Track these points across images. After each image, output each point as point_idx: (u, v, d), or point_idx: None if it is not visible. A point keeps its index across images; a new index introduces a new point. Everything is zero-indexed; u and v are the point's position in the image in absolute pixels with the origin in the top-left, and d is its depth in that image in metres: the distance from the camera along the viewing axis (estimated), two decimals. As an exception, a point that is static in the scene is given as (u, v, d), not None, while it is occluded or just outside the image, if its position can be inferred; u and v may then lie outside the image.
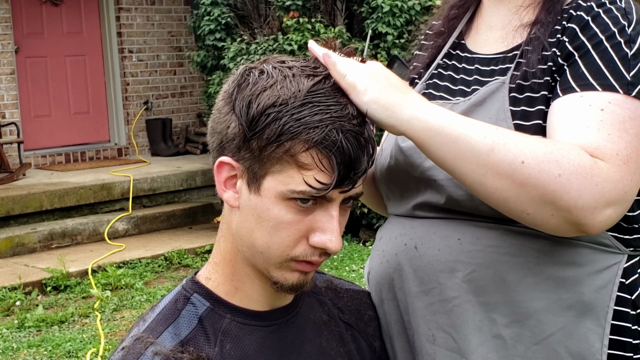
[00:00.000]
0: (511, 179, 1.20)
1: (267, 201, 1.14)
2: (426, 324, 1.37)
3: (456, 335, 1.34)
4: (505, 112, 1.33)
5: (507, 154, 1.20)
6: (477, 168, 1.21)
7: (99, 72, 9.13)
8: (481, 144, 1.21)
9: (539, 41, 1.36)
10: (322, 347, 1.29)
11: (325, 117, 1.11)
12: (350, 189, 1.15)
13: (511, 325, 1.32)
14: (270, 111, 1.12)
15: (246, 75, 1.17)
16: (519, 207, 1.22)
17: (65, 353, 4.59)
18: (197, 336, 1.19)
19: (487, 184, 1.22)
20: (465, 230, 1.35)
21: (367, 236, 6.89)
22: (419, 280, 1.38)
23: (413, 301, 1.38)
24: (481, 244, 1.33)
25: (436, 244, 1.37)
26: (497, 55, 1.43)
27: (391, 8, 6.55)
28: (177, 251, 6.46)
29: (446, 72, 1.49)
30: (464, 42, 1.51)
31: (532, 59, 1.35)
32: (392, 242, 1.44)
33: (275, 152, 1.12)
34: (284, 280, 1.19)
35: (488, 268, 1.32)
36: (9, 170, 7.74)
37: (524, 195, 1.20)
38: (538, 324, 1.31)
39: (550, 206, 1.19)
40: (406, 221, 1.43)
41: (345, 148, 1.11)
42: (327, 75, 1.17)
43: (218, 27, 7.53)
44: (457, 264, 1.34)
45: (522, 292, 1.31)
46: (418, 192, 1.40)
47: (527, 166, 1.19)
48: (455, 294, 1.34)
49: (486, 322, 1.33)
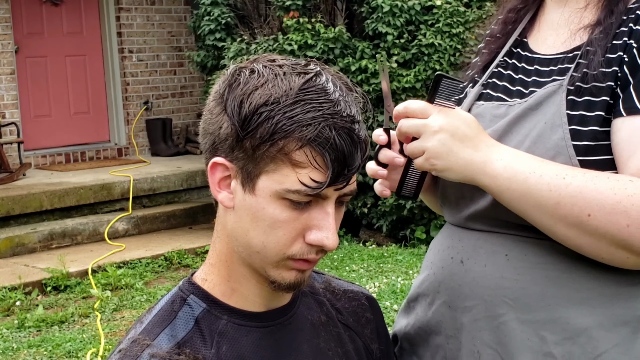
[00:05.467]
0: (580, 230, 1.22)
1: (262, 200, 1.14)
2: (471, 340, 1.36)
3: (503, 353, 1.33)
4: (561, 117, 1.31)
5: (573, 208, 1.21)
6: (547, 219, 1.24)
7: (99, 72, 9.13)
8: (547, 198, 1.23)
9: (602, 42, 1.32)
10: (319, 347, 1.28)
11: (317, 115, 1.11)
12: (345, 185, 1.15)
13: (562, 342, 1.30)
14: (262, 110, 1.12)
15: (237, 75, 1.17)
16: (593, 252, 1.24)
17: (65, 353, 4.59)
18: (193, 338, 1.18)
19: (558, 232, 1.24)
20: (512, 246, 1.34)
21: (367, 236, 6.89)
22: (464, 295, 1.38)
23: (458, 316, 1.38)
24: (529, 260, 1.32)
25: (482, 260, 1.36)
26: (558, 56, 1.39)
27: (391, 8, 6.54)
28: (177, 251, 6.46)
29: (506, 72, 1.46)
30: (526, 40, 1.48)
31: (594, 60, 1.31)
32: (440, 255, 1.45)
33: (269, 151, 1.12)
34: (282, 279, 1.19)
35: (536, 285, 1.31)
36: (9, 170, 7.74)
37: (596, 243, 1.22)
38: (590, 341, 1.29)
39: (624, 251, 1.21)
40: (455, 233, 1.44)
41: (339, 145, 1.11)
42: (318, 72, 1.16)
43: (218, 27, 7.53)
44: (504, 281, 1.33)
45: (573, 308, 1.30)
46: (472, 201, 1.39)
47: (593, 219, 1.20)
48: (501, 311, 1.33)
49: (535, 340, 1.31)
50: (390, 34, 6.58)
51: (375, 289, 5.42)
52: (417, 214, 6.59)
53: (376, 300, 1.45)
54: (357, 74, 6.55)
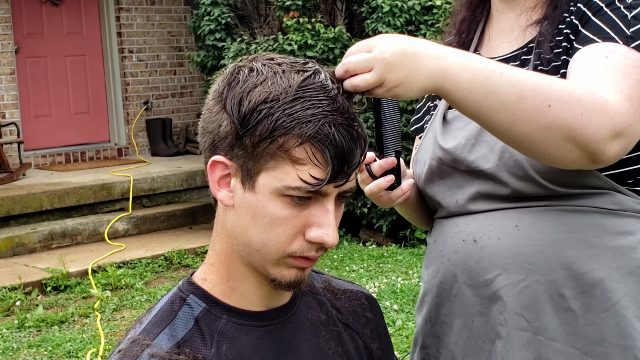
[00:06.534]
0: (538, 123, 1.25)
1: (262, 198, 1.14)
2: (497, 309, 1.44)
3: (528, 315, 1.42)
4: None
5: (535, 100, 1.24)
6: (507, 116, 1.25)
7: (99, 72, 9.13)
8: (510, 94, 1.25)
9: (551, 30, 1.45)
10: (320, 346, 1.28)
11: (317, 112, 1.11)
12: (345, 182, 1.15)
13: (579, 296, 1.40)
14: (262, 107, 1.12)
15: (236, 73, 1.17)
16: (542, 148, 1.27)
17: (65, 353, 4.59)
18: (193, 337, 1.18)
19: (515, 131, 1.26)
20: (520, 217, 1.43)
21: (367, 236, 6.89)
22: (484, 270, 1.45)
23: (481, 292, 1.46)
24: (539, 226, 1.42)
25: (495, 234, 1.44)
26: (514, 53, 1.51)
27: (391, 8, 6.54)
28: (177, 251, 6.46)
29: None
30: (480, 53, 1.57)
31: (546, 46, 1.44)
32: (449, 242, 1.52)
33: (269, 148, 1.12)
34: (282, 278, 1.19)
35: (549, 247, 1.41)
36: (9, 170, 7.74)
37: (549, 136, 1.26)
38: (604, 292, 1.40)
39: (571, 143, 1.25)
40: (458, 220, 1.51)
41: (338, 141, 1.11)
42: (317, 70, 1.16)
43: (218, 27, 7.53)
44: (520, 248, 1.42)
45: (585, 264, 1.40)
46: (468, 185, 1.48)
47: (553, 109, 1.24)
48: (522, 276, 1.42)
49: (556, 297, 1.41)
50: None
51: (375, 289, 5.42)
52: (417, 214, 6.59)
53: (376, 300, 1.45)
54: (357, 74, 6.54)
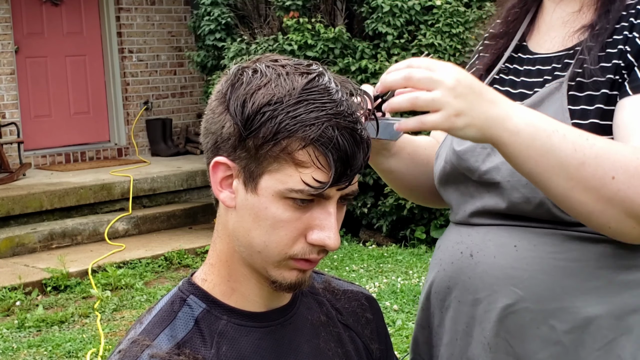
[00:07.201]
0: (599, 194, 1.17)
1: (265, 200, 1.14)
2: (482, 332, 1.37)
3: (513, 342, 1.33)
4: (563, 112, 1.30)
5: (597, 169, 1.17)
6: (565, 182, 1.18)
7: (99, 72, 9.13)
8: (571, 158, 1.17)
9: (601, 38, 1.33)
10: (319, 347, 1.28)
11: (321, 115, 1.11)
12: (347, 185, 1.15)
13: (571, 331, 1.30)
14: (265, 110, 1.12)
15: (239, 74, 1.17)
16: (602, 220, 1.20)
17: (65, 353, 4.59)
18: (193, 338, 1.18)
19: (573, 197, 1.19)
20: (521, 236, 1.33)
21: (367, 236, 6.89)
22: (474, 288, 1.37)
23: (469, 310, 1.38)
24: (538, 250, 1.32)
25: (492, 252, 1.36)
26: (559, 53, 1.40)
27: (391, 8, 6.54)
28: (177, 251, 6.46)
29: (507, 77, 1.46)
30: (526, 44, 1.48)
31: (594, 56, 1.31)
32: (448, 251, 1.44)
33: (272, 150, 1.12)
34: (283, 279, 1.19)
35: (545, 274, 1.30)
36: (9, 170, 7.74)
37: (610, 210, 1.18)
38: (599, 330, 1.29)
39: (633, 220, 1.18)
40: (463, 229, 1.43)
41: (342, 145, 1.11)
42: (321, 72, 1.16)
43: (218, 27, 7.53)
44: (513, 271, 1.32)
45: (582, 297, 1.29)
46: (477, 197, 1.39)
47: (617, 182, 1.17)
48: (510, 301, 1.33)
49: (545, 329, 1.31)
50: (390, 34, 6.58)
51: (375, 289, 5.42)
52: (417, 214, 6.59)
53: (376, 301, 1.45)
54: (357, 74, 6.54)
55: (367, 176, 6.58)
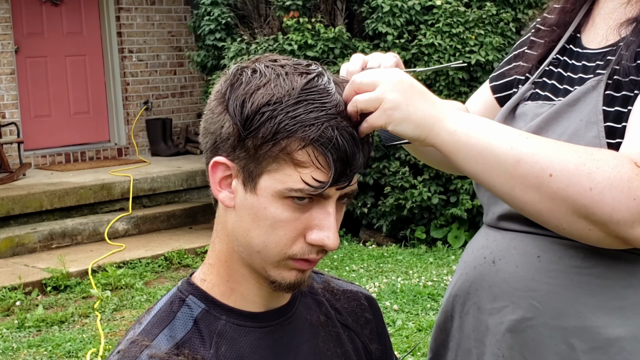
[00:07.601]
0: (539, 193, 1.13)
1: (264, 200, 1.14)
2: (496, 343, 1.32)
3: (529, 356, 1.29)
4: (597, 114, 1.25)
5: (535, 166, 1.13)
6: (505, 180, 1.15)
7: (99, 72, 9.13)
8: (507, 154, 1.14)
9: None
10: (318, 347, 1.28)
11: (320, 115, 1.11)
12: (347, 185, 1.15)
13: (591, 352, 1.24)
14: (264, 110, 1.12)
15: (239, 74, 1.17)
16: (552, 221, 1.16)
17: (65, 353, 4.59)
18: (192, 338, 1.18)
19: (516, 196, 1.16)
20: (546, 247, 1.28)
21: (367, 236, 6.89)
22: (493, 296, 1.33)
23: (485, 318, 1.35)
24: (563, 263, 1.26)
25: (514, 260, 1.31)
26: (604, 50, 1.33)
27: (391, 8, 6.54)
28: (177, 251, 6.46)
29: (556, 69, 1.41)
30: (580, 36, 1.41)
31: (632, 52, 1.24)
32: (473, 254, 1.41)
33: (271, 150, 1.12)
34: (282, 279, 1.18)
35: (567, 289, 1.25)
36: (9, 170, 7.74)
37: (556, 209, 1.14)
38: (621, 352, 1.23)
39: (585, 221, 1.13)
40: (490, 232, 1.39)
41: (341, 145, 1.11)
42: (320, 72, 1.16)
43: (218, 27, 7.53)
44: (534, 283, 1.28)
45: (605, 317, 1.23)
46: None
47: (555, 179, 1.12)
48: (529, 314, 1.28)
49: (563, 346, 1.26)
50: (390, 34, 6.58)
51: (375, 289, 5.42)
52: (417, 214, 6.59)
53: (375, 300, 1.44)
54: (357, 74, 6.54)
55: (367, 176, 6.58)
